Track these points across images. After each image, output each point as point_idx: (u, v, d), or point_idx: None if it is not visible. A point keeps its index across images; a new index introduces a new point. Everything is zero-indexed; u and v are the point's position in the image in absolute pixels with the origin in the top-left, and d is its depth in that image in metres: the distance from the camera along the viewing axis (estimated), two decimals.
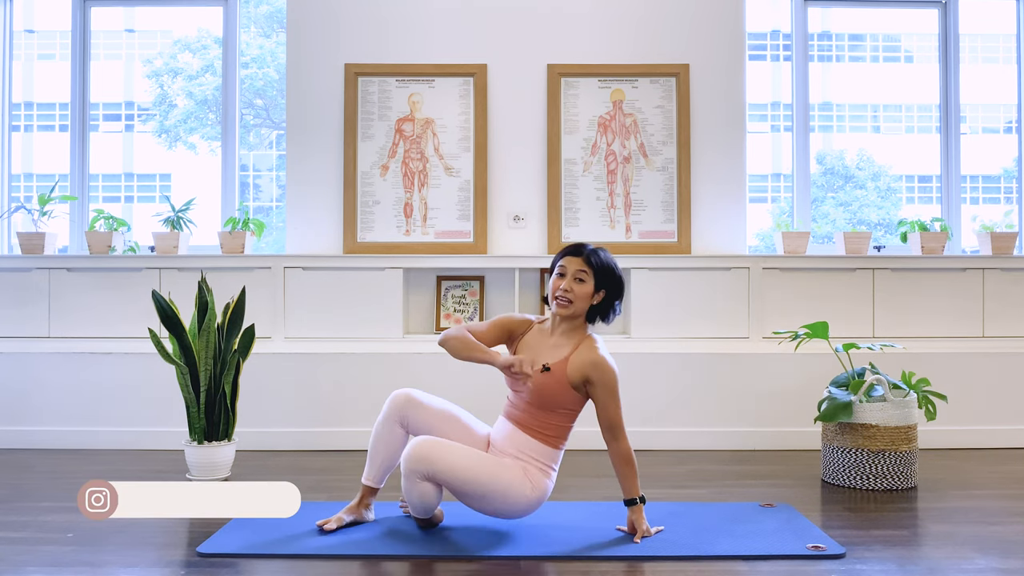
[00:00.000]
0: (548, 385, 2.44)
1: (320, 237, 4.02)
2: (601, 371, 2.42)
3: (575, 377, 2.44)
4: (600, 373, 2.42)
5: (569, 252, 2.51)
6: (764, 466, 3.47)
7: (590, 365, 2.43)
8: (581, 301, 2.47)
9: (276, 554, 2.32)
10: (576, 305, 2.47)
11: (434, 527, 2.56)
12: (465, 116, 4.03)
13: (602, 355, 2.45)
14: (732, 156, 4.05)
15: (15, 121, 4.47)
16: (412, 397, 2.53)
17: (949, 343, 3.89)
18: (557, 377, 2.44)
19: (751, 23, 4.23)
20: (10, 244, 4.34)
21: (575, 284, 2.46)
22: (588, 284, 2.47)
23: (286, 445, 3.73)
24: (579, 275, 2.47)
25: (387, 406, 2.54)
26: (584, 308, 2.49)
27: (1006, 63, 4.50)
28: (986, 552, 2.37)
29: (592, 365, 2.43)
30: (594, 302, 2.50)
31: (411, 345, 3.83)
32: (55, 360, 3.80)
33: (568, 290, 2.46)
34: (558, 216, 3.99)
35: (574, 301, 2.46)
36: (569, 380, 2.44)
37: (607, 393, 2.43)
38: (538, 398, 2.45)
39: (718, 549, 2.35)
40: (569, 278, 2.47)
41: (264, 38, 4.66)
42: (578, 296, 2.46)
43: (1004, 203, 4.55)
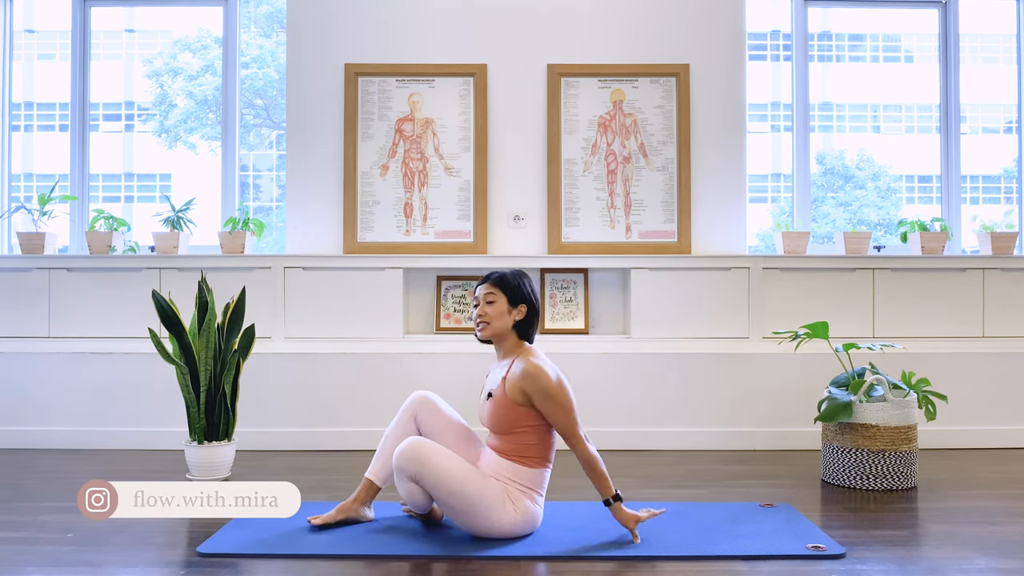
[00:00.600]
0: (495, 411, 2.47)
1: (320, 237, 4.02)
2: (532, 379, 2.42)
3: (515, 394, 2.44)
4: (532, 382, 2.41)
5: (478, 283, 2.61)
6: (764, 466, 3.47)
7: (520, 377, 2.43)
8: (497, 319, 2.53)
9: (276, 554, 2.32)
10: (494, 324, 2.53)
11: (436, 523, 2.58)
12: (465, 116, 4.03)
13: (533, 363, 2.45)
14: (732, 156, 4.05)
15: (15, 121, 4.47)
16: (429, 398, 2.62)
17: (949, 343, 3.89)
18: (499, 400, 2.46)
19: (751, 23, 4.23)
20: (10, 244, 4.34)
21: (487, 307, 2.54)
22: (500, 302, 2.54)
23: (286, 445, 3.73)
24: (488, 297, 2.55)
25: (407, 401, 2.63)
26: (505, 326, 2.53)
27: (1006, 63, 4.50)
28: (986, 552, 2.37)
29: (523, 376, 2.43)
30: (516, 317, 2.54)
31: (411, 345, 3.83)
32: (55, 360, 3.80)
33: (482, 314, 2.54)
34: (558, 216, 3.99)
35: (490, 322, 2.53)
36: (511, 399, 2.44)
37: (546, 401, 2.41)
38: (494, 424, 2.48)
39: (718, 549, 2.35)
40: (481, 304, 2.56)
41: (264, 38, 4.66)
42: (493, 316, 2.53)
43: (1004, 203, 4.55)
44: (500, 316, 2.53)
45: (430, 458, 2.35)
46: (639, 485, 3.13)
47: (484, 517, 2.37)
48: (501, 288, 2.55)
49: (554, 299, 3.98)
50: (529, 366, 2.44)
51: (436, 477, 2.34)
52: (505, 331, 2.54)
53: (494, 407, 2.47)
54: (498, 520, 2.38)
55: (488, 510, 2.36)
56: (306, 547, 2.37)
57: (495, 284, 2.56)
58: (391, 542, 2.41)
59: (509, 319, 2.54)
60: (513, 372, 2.46)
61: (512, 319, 2.54)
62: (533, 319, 2.58)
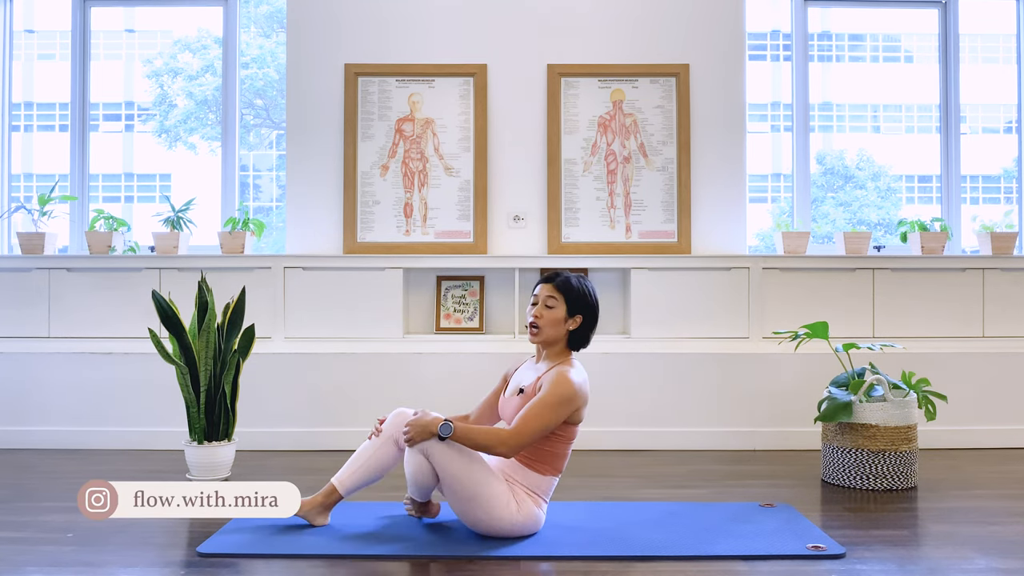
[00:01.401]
0: (521, 407, 2.42)
1: (320, 237, 4.02)
2: (555, 379, 2.37)
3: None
4: (553, 379, 2.38)
5: (541, 280, 2.53)
6: (764, 466, 3.47)
7: (551, 374, 2.41)
8: (551, 327, 2.46)
9: (276, 554, 2.32)
10: (546, 331, 2.46)
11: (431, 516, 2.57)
12: (465, 116, 4.03)
13: (564, 372, 2.40)
14: (732, 156, 4.05)
15: (15, 121, 4.47)
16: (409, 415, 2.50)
17: (949, 343, 3.89)
18: (529, 397, 2.43)
19: (751, 23, 4.23)
20: (10, 244, 4.34)
21: (545, 310, 2.46)
22: (559, 309, 2.46)
23: (286, 445, 3.73)
24: (548, 301, 2.46)
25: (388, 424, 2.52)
26: (557, 334, 2.47)
27: (1006, 63, 4.50)
28: (986, 552, 2.37)
29: (553, 373, 2.40)
30: (570, 327, 2.47)
31: (411, 345, 3.83)
32: (55, 360, 3.80)
33: (538, 316, 2.46)
34: (558, 216, 3.99)
35: (543, 328, 2.46)
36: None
37: (541, 398, 2.35)
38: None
39: (718, 549, 2.35)
40: (540, 305, 2.47)
41: (264, 38, 4.66)
42: (547, 322, 2.45)
43: (1004, 203, 4.55)
44: (555, 324, 2.46)
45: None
46: (639, 485, 3.13)
47: (485, 511, 2.35)
48: (564, 293, 2.47)
49: None
50: (559, 374, 2.40)
51: (449, 455, 2.31)
52: (557, 339, 2.48)
53: (522, 403, 2.43)
54: (499, 518, 2.36)
55: (490, 505, 2.35)
56: (306, 547, 2.37)
57: (559, 288, 2.47)
58: (392, 543, 2.41)
59: (564, 328, 2.46)
60: (548, 376, 2.42)
61: (567, 328, 2.47)
62: (588, 331, 2.51)
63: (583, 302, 2.48)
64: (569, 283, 2.48)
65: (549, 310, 2.46)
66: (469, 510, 2.37)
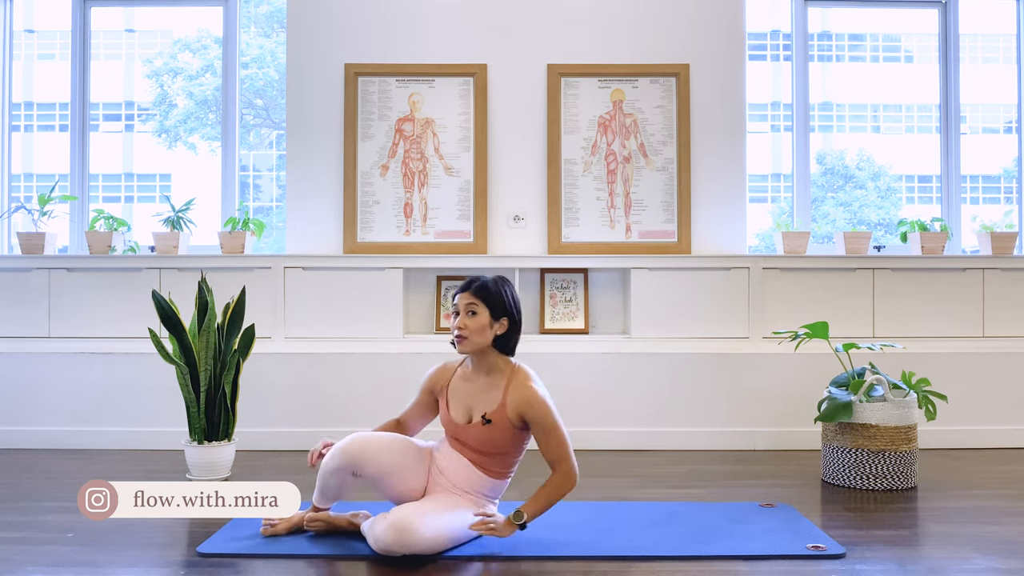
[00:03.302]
0: (493, 436, 2.37)
1: (320, 237, 4.02)
2: (536, 409, 2.33)
3: (515, 419, 2.36)
4: (535, 411, 2.33)
5: (458, 290, 2.45)
6: (764, 466, 3.47)
7: (525, 404, 2.34)
8: (477, 334, 2.38)
9: (276, 554, 2.32)
10: (472, 340, 2.38)
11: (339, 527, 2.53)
12: (465, 116, 4.03)
13: (534, 390, 2.36)
14: (732, 156, 4.05)
15: (15, 121, 4.47)
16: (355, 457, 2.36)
17: (949, 343, 3.89)
18: (500, 426, 2.37)
19: (751, 23, 4.23)
20: (10, 244, 4.34)
21: (468, 319, 2.38)
22: (482, 315, 2.38)
23: (286, 445, 3.73)
24: (470, 308, 2.39)
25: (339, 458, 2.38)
26: (485, 340, 2.39)
27: (1006, 63, 4.50)
28: (986, 552, 2.37)
29: (527, 404, 2.34)
30: (497, 331, 2.40)
31: (411, 345, 3.83)
32: (55, 360, 3.80)
33: (462, 327, 2.38)
34: (558, 216, 3.99)
35: (469, 337, 2.38)
36: (511, 424, 2.36)
37: (545, 430, 2.34)
38: (487, 447, 2.38)
39: (718, 549, 2.35)
40: (462, 315, 2.40)
41: (264, 38, 4.66)
42: (473, 330, 2.38)
43: (1004, 203, 4.55)
44: (481, 331, 2.38)
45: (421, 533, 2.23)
46: (639, 485, 3.13)
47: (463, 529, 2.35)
48: (483, 299, 2.40)
49: (554, 299, 3.98)
50: (533, 396, 2.34)
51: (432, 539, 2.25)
52: (485, 346, 2.40)
53: (492, 433, 2.37)
54: None
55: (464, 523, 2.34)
56: (306, 547, 2.37)
57: (476, 294, 2.40)
58: None
59: (490, 333, 2.39)
60: (515, 399, 2.35)
61: (493, 333, 2.40)
62: (514, 333, 2.44)
63: (504, 303, 2.41)
64: (487, 288, 2.41)
65: (473, 317, 2.38)
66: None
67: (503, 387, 2.40)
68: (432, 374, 2.57)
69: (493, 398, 2.40)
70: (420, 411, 2.58)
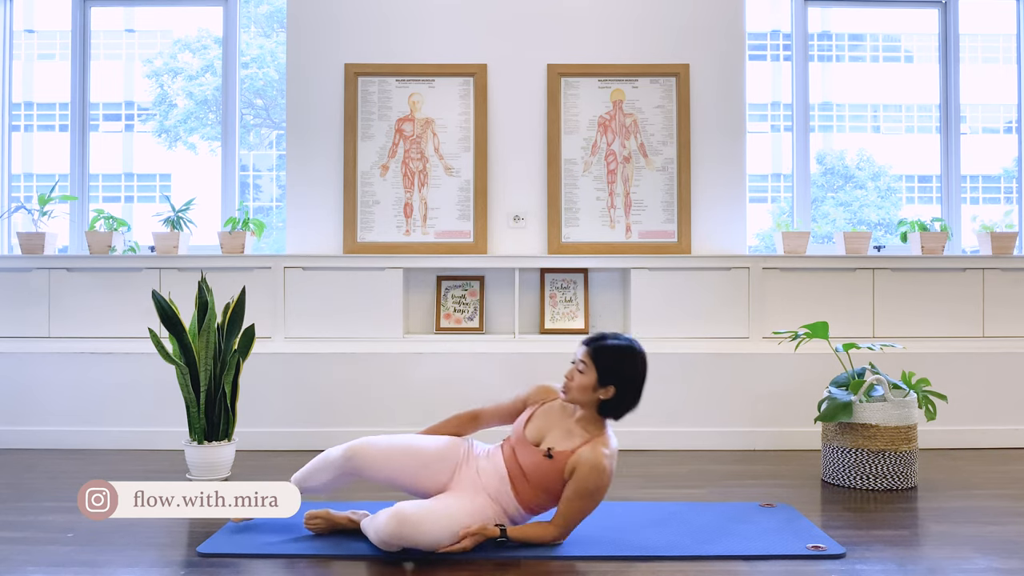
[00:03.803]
0: (543, 469, 2.33)
1: (320, 237, 4.02)
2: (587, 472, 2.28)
3: (568, 471, 2.31)
4: (584, 472, 2.28)
5: (583, 340, 2.40)
6: (764, 466, 3.47)
7: (583, 463, 2.29)
8: (578, 392, 2.33)
9: (276, 554, 2.32)
10: (573, 394, 2.34)
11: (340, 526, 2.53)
12: (465, 116, 4.03)
13: (601, 459, 2.29)
14: (732, 156, 4.05)
15: (15, 121, 4.47)
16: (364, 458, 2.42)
17: (949, 343, 3.89)
18: (556, 467, 2.32)
19: (751, 23, 4.23)
20: (10, 244, 4.34)
21: (576, 374, 2.34)
22: (588, 376, 2.32)
23: (286, 445, 3.73)
24: (580, 365, 2.34)
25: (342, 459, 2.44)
26: (584, 400, 2.34)
27: (1006, 63, 4.50)
28: (986, 552, 2.37)
29: (585, 463, 2.28)
30: (601, 396, 2.33)
31: (411, 345, 3.83)
32: (55, 360, 3.80)
33: (569, 378, 2.35)
34: (558, 216, 3.99)
35: (571, 390, 2.34)
36: (564, 474, 2.32)
37: (577, 491, 2.30)
38: (533, 474, 2.35)
39: (718, 549, 2.35)
40: (573, 367, 2.36)
41: (264, 38, 4.66)
42: (576, 386, 2.33)
43: (1004, 203, 4.55)
44: (583, 390, 2.32)
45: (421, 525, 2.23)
46: (639, 485, 3.13)
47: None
48: (595, 360, 2.32)
49: (554, 299, 3.98)
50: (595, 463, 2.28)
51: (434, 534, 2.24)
52: (587, 404, 2.34)
53: (545, 467, 2.32)
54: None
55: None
56: (306, 547, 2.37)
57: (591, 354, 2.33)
58: None
59: (593, 396, 2.32)
60: (581, 455, 2.30)
61: (596, 397, 2.33)
62: (622, 403, 2.35)
63: (617, 374, 2.32)
64: (603, 351, 2.33)
65: (580, 375, 2.33)
66: None
67: (580, 442, 2.34)
68: (537, 389, 2.53)
69: (567, 443, 2.35)
70: (503, 413, 2.56)
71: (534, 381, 3.72)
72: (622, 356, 2.34)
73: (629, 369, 2.35)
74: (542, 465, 2.33)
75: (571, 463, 2.31)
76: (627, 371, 2.34)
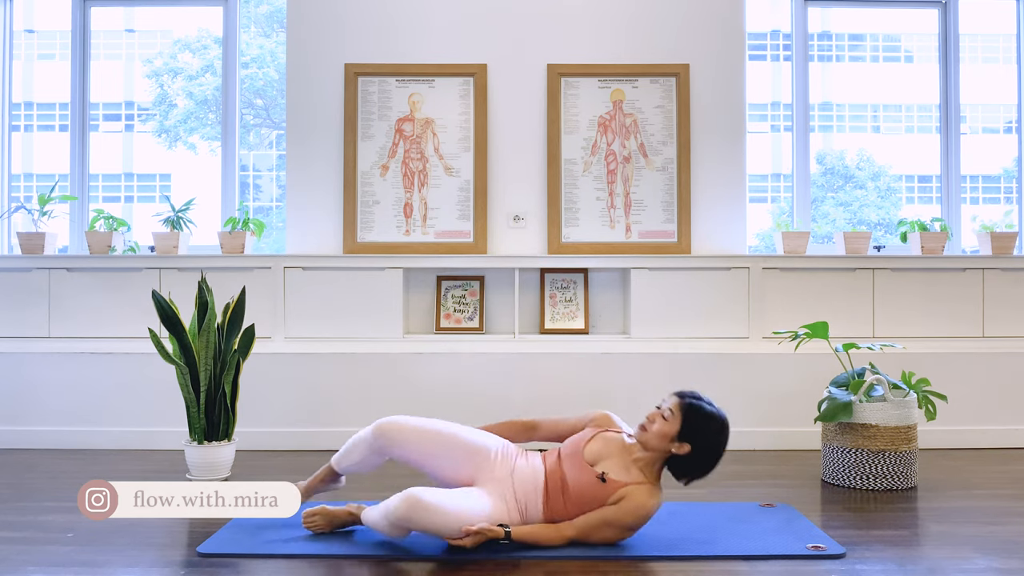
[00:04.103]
0: (589, 489, 2.33)
1: (320, 237, 4.02)
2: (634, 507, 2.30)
3: (614, 501, 2.33)
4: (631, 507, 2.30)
5: (677, 392, 2.41)
6: (764, 466, 3.47)
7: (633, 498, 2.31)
8: (655, 437, 2.33)
9: (276, 554, 2.32)
10: (649, 438, 2.33)
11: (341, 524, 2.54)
12: (465, 116, 4.03)
13: (646, 499, 2.32)
14: (732, 156, 4.05)
15: (15, 121, 4.47)
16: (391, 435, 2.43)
17: (949, 343, 3.89)
18: (602, 493, 2.33)
19: (751, 23, 4.23)
20: (10, 244, 4.34)
21: (659, 419, 2.34)
22: (671, 426, 2.32)
23: (286, 445, 3.73)
24: (667, 413, 2.34)
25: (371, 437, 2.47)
26: (656, 446, 2.34)
27: (1006, 63, 4.50)
28: (986, 552, 2.37)
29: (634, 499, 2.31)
30: (674, 450, 2.33)
31: (411, 345, 3.83)
32: (55, 360, 3.80)
33: (650, 420, 2.35)
34: (558, 216, 3.99)
35: (648, 432, 2.34)
36: (608, 501, 2.33)
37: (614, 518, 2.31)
38: (576, 489, 2.35)
39: (718, 549, 2.35)
40: (659, 411, 2.36)
41: (264, 38, 4.66)
42: (655, 431, 2.33)
43: (1004, 203, 4.55)
44: (661, 438, 2.33)
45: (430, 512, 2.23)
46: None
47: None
48: (684, 413, 2.33)
49: (554, 299, 3.98)
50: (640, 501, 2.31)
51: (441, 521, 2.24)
52: (657, 452, 2.34)
53: (592, 488, 2.33)
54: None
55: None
56: (306, 547, 2.37)
57: (681, 408, 2.34)
58: (391, 543, 2.41)
59: (666, 446, 2.33)
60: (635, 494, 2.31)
61: (669, 449, 2.33)
62: (691, 464, 2.35)
63: (700, 436, 2.33)
64: (695, 409, 2.34)
65: (664, 421, 2.33)
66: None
67: (633, 480, 2.35)
68: (600, 415, 2.55)
69: (620, 475, 2.35)
70: (562, 430, 2.56)
71: (534, 381, 3.77)
72: (710, 422, 2.35)
73: (713, 438, 2.35)
74: (591, 486, 2.33)
75: (620, 494, 2.32)
76: (710, 438, 2.35)
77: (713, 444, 2.36)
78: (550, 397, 3.75)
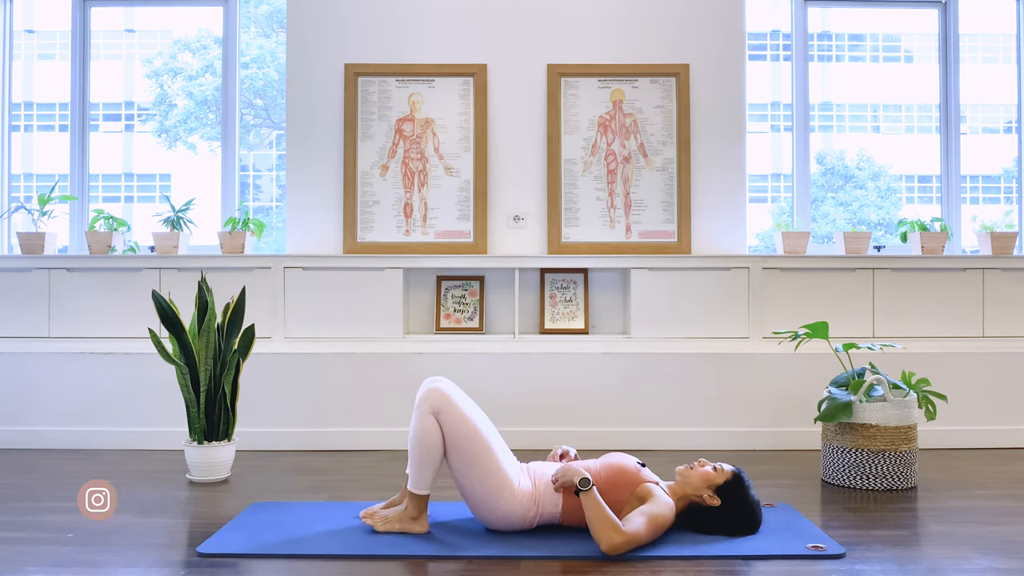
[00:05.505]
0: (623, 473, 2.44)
1: (320, 237, 4.03)
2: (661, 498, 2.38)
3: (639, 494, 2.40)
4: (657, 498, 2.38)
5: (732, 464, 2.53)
6: (764, 466, 3.47)
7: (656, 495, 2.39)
8: (698, 477, 2.46)
9: (276, 554, 2.32)
10: (691, 473, 2.46)
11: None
12: (465, 116, 4.03)
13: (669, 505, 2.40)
14: (732, 156, 4.05)
15: (15, 121, 4.47)
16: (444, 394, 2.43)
17: (949, 343, 3.89)
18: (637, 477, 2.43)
19: (751, 23, 4.23)
20: (10, 244, 4.34)
21: (709, 465, 2.48)
22: (716, 477, 2.45)
23: (286, 445, 3.73)
24: (718, 466, 2.48)
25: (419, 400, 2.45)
26: (693, 484, 2.45)
27: (1006, 63, 4.50)
28: (986, 552, 2.37)
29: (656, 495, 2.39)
30: (706, 496, 2.44)
31: (411, 345, 3.83)
32: (55, 360, 3.80)
33: (701, 463, 2.48)
34: (558, 216, 3.99)
35: (695, 470, 2.47)
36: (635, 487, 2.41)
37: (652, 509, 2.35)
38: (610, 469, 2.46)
39: (718, 549, 2.35)
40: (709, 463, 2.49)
41: (264, 38, 4.66)
42: (698, 471, 2.46)
43: (1004, 203, 4.55)
44: (703, 479, 2.45)
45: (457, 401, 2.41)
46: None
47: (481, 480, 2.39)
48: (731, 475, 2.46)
49: (554, 299, 3.98)
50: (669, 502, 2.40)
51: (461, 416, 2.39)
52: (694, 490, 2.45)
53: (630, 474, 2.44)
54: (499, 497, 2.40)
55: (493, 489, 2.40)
56: (306, 547, 2.37)
57: (731, 472, 2.47)
58: (391, 542, 2.41)
59: (702, 490, 2.45)
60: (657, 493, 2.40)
61: (703, 494, 2.44)
62: (710, 515, 2.45)
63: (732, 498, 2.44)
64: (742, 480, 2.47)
65: (712, 471, 2.47)
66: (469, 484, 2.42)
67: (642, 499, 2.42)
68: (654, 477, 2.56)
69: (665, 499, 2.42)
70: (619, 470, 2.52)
71: (534, 381, 3.77)
72: (748, 494, 2.47)
73: (742, 506, 2.45)
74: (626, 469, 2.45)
75: (647, 488, 2.41)
76: (739, 505, 2.45)
77: (738, 511, 2.46)
78: (550, 397, 3.75)
